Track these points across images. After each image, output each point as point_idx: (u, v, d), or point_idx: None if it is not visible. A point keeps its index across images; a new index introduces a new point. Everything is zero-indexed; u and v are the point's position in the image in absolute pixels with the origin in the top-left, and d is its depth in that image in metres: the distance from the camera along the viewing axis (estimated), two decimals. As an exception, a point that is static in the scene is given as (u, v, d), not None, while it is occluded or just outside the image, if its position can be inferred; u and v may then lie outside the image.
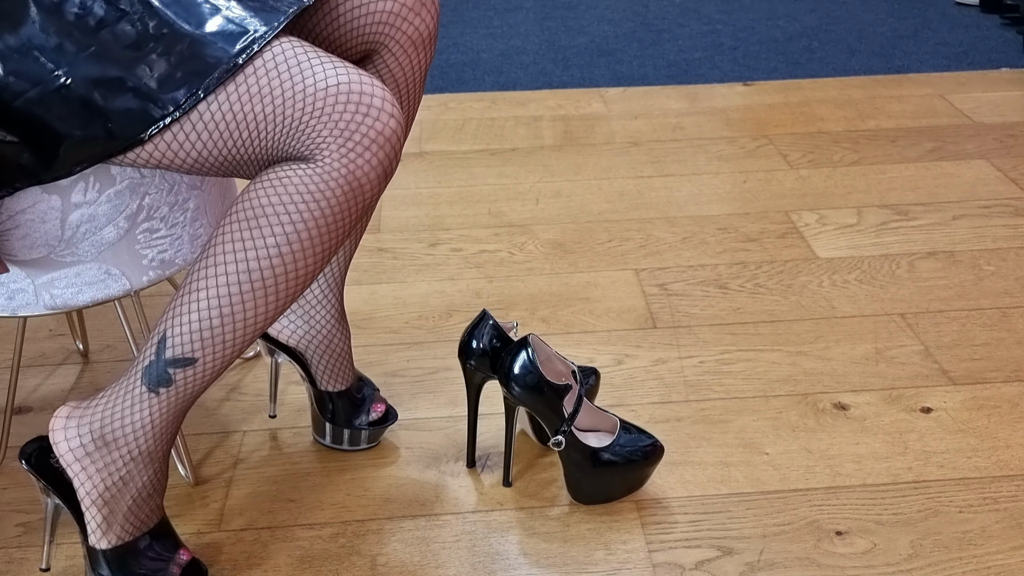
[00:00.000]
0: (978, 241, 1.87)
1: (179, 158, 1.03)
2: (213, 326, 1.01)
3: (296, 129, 0.99)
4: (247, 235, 1.00)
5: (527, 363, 1.22)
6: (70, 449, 1.07)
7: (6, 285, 1.14)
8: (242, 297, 1.01)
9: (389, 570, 1.19)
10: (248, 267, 1.00)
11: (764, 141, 2.32)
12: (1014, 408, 1.43)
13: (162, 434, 1.08)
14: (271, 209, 0.99)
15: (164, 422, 1.07)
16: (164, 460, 1.11)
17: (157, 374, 1.03)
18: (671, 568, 1.18)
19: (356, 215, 1.02)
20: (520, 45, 3.07)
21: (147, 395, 1.05)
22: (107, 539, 1.10)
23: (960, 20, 3.16)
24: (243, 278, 1.00)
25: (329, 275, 1.30)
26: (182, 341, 1.02)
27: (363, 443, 1.37)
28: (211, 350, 1.02)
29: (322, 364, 1.33)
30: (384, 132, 0.99)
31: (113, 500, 1.08)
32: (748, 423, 1.41)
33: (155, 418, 1.06)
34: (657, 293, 1.73)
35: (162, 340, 1.03)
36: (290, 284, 1.02)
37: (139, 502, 1.10)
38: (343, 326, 1.33)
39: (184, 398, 1.06)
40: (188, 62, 0.99)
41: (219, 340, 1.02)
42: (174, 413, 1.07)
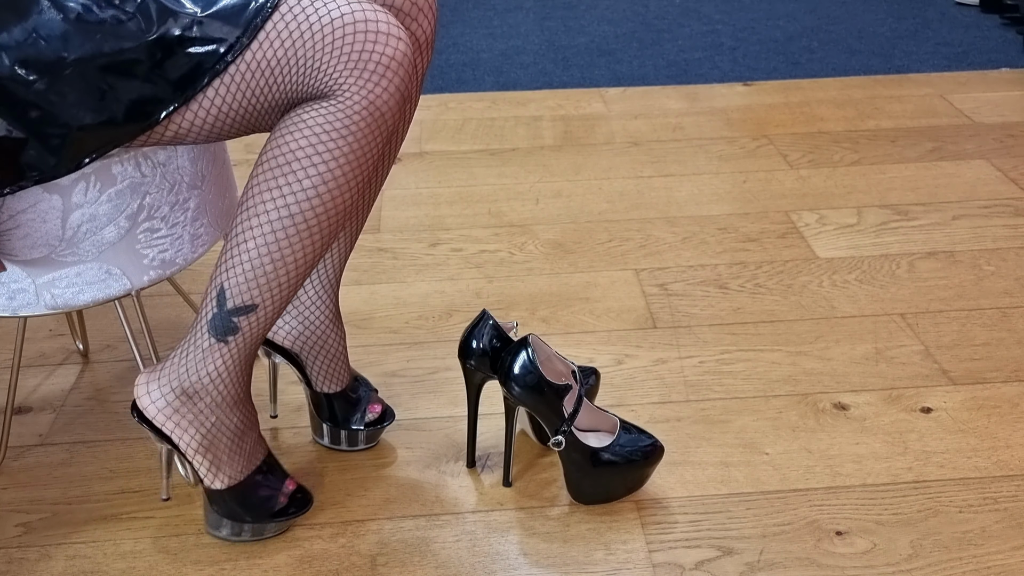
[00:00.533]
0: (978, 241, 1.87)
1: (196, 129, 1.06)
2: (267, 272, 1.07)
3: (313, 68, 1.02)
4: (282, 180, 1.04)
5: (527, 363, 1.22)
6: (159, 410, 1.13)
7: (7, 285, 1.14)
8: (289, 240, 1.06)
9: (389, 570, 1.19)
10: (290, 211, 1.05)
11: (764, 141, 2.32)
12: (1014, 408, 1.43)
13: (239, 377, 1.14)
14: (301, 152, 1.03)
15: (238, 367, 1.13)
16: (247, 400, 1.18)
17: (222, 324, 1.09)
18: (671, 568, 1.18)
19: (381, 143, 1.06)
20: (520, 45, 3.07)
21: (216, 345, 1.11)
22: (220, 481, 1.18)
23: (960, 20, 3.16)
24: (287, 222, 1.05)
25: (324, 276, 1.30)
26: (240, 291, 1.07)
27: (361, 443, 1.37)
28: (269, 294, 1.08)
29: (317, 365, 1.33)
30: (396, 56, 1.02)
31: (213, 446, 1.15)
32: (748, 423, 1.41)
33: (229, 364, 1.12)
34: (657, 293, 1.73)
35: (221, 292, 1.08)
36: (332, 220, 1.07)
37: (236, 442, 1.17)
38: (338, 327, 1.33)
39: (251, 341, 1.12)
40: (198, 40, 1.01)
41: (275, 283, 1.08)
42: (245, 356, 1.13)
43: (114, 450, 1.39)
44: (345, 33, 1.01)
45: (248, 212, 1.06)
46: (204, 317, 1.10)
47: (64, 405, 1.49)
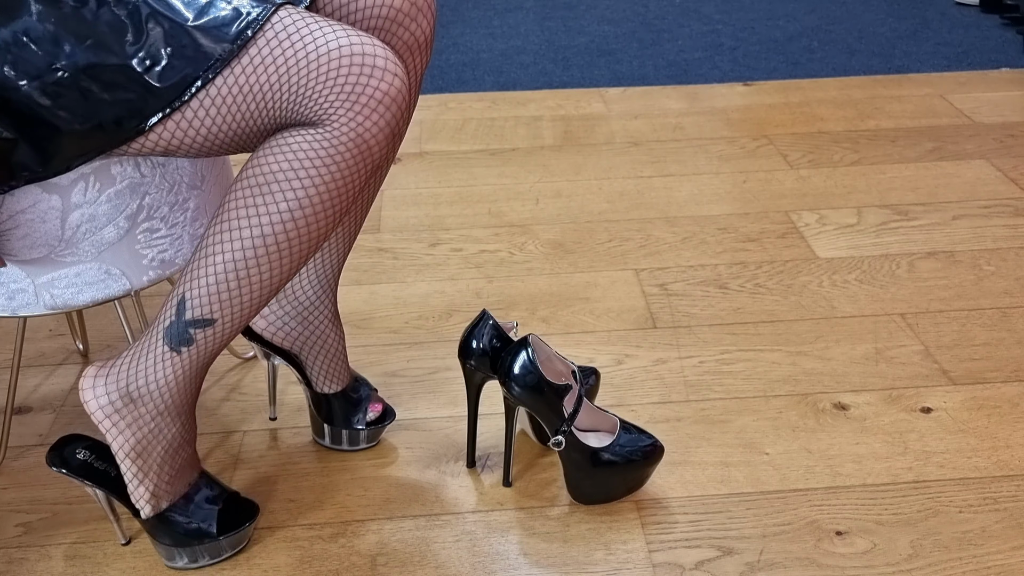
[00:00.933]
0: (978, 241, 1.87)
1: (184, 144, 1.05)
2: (231, 288, 1.05)
3: (302, 96, 1.01)
4: (259, 200, 1.03)
5: (527, 363, 1.22)
6: (100, 407, 1.11)
7: (6, 285, 1.14)
8: (257, 260, 1.04)
9: (389, 570, 1.19)
10: (262, 231, 1.03)
11: (764, 141, 2.32)
12: (1014, 408, 1.43)
13: (186, 389, 1.12)
14: (281, 175, 1.02)
15: (187, 378, 1.11)
16: (190, 413, 1.15)
17: (179, 334, 1.08)
18: (671, 568, 1.18)
19: (365, 176, 1.05)
20: (520, 45, 3.07)
21: (169, 354, 1.09)
22: (143, 489, 1.14)
23: (960, 20, 3.16)
24: (257, 242, 1.04)
25: (323, 276, 1.30)
26: (201, 303, 1.06)
27: (362, 443, 1.37)
28: (229, 311, 1.07)
29: (317, 366, 1.33)
30: (390, 92, 1.01)
31: (145, 452, 1.13)
32: (748, 423, 1.41)
33: (178, 375, 1.10)
34: (657, 293, 1.73)
35: (181, 302, 1.07)
36: (303, 245, 1.06)
37: (170, 453, 1.14)
38: (337, 327, 1.33)
39: (205, 355, 1.10)
40: (186, 50, 1.00)
41: (237, 301, 1.06)
42: (196, 370, 1.11)
43: (114, 450, 1.39)
44: (340, 64, 1.00)
45: (221, 226, 1.05)
46: (161, 323, 1.09)
47: (64, 405, 1.49)
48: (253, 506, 1.22)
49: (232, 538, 1.19)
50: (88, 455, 1.17)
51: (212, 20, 1.01)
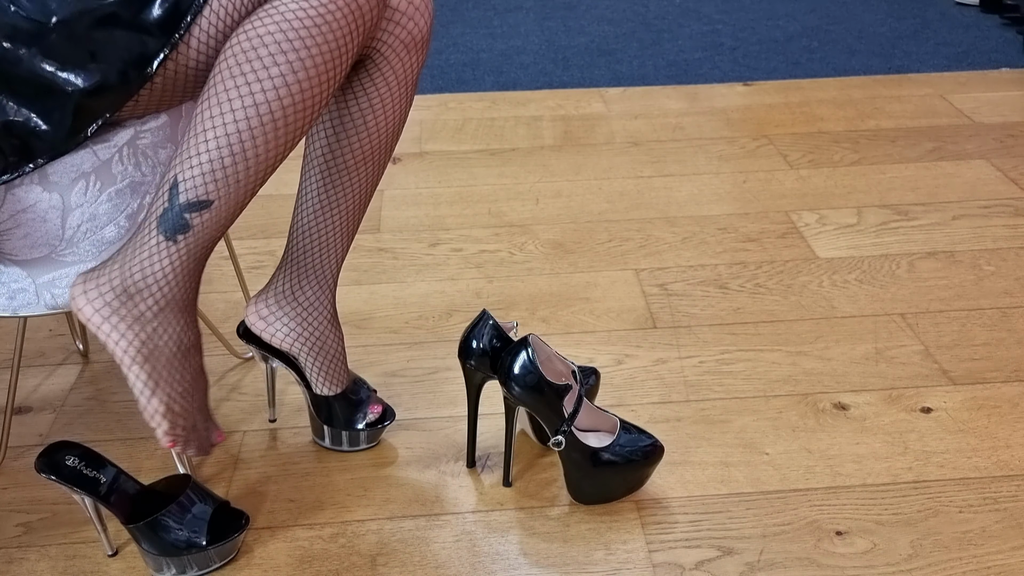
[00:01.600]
0: (978, 241, 1.87)
1: (190, 78, 1.05)
2: (225, 165, 0.99)
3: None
4: (248, 68, 0.98)
5: (527, 363, 1.22)
6: (96, 311, 1.04)
7: (7, 285, 1.14)
8: (252, 132, 0.99)
9: (389, 570, 1.19)
10: (255, 100, 0.98)
11: (764, 141, 2.32)
12: (1014, 408, 1.43)
13: (186, 281, 1.05)
14: (270, 38, 0.97)
15: (186, 269, 1.04)
16: (193, 312, 1.08)
17: (174, 221, 1.01)
18: (671, 568, 1.18)
19: (358, 39, 1.02)
20: (520, 45, 3.07)
21: (165, 244, 1.02)
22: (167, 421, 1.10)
23: (960, 20, 3.16)
24: (250, 112, 0.98)
25: (321, 276, 1.29)
26: (195, 184, 1.00)
27: (363, 443, 1.37)
28: (226, 189, 1.01)
29: (316, 367, 1.32)
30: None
31: (152, 355, 1.05)
32: (748, 423, 1.41)
33: (176, 265, 1.03)
34: (657, 293, 1.73)
35: (174, 186, 1.00)
36: (298, 115, 1.00)
37: (179, 357, 1.07)
38: (336, 328, 1.33)
39: (202, 243, 1.04)
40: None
41: (232, 178, 1.00)
42: (194, 258, 1.04)
43: (114, 450, 1.39)
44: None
45: (210, 101, 0.99)
46: (154, 214, 1.02)
47: (64, 405, 1.49)
48: (243, 516, 1.21)
49: (221, 548, 1.18)
50: (78, 462, 1.17)
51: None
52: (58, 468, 1.16)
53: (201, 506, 1.17)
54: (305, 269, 1.28)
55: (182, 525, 1.16)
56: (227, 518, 1.20)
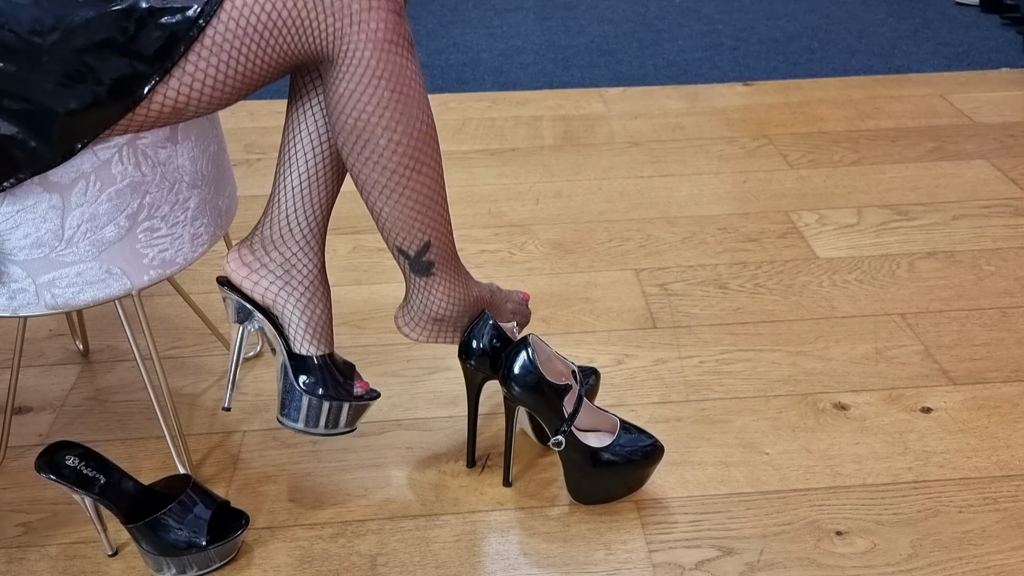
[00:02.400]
0: (978, 241, 1.87)
1: (191, 104, 1.06)
2: (413, 216, 1.17)
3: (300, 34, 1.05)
4: (365, 152, 1.12)
5: (527, 363, 1.22)
6: (427, 338, 1.29)
7: (7, 285, 1.14)
8: (406, 185, 1.15)
9: (389, 570, 1.19)
10: (390, 168, 1.13)
11: (764, 141, 2.32)
12: (1014, 408, 1.43)
13: (458, 285, 1.26)
14: (361, 121, 1.10)
15: (452, 280, 1.25)
16: (480, 296, 1.29)
17: (419, 267, 1.22)
18: (671, 568, 1.18)
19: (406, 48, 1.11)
20: (520, 45, 3.07)
21: (427, 281, 1.24)
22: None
23: (960, 20, 3.16)
24: (394, 178, 1.14)
25: (307, 224, 1.22)
26: (409, 239, 1.19)
27: (343, 425, 1.23)
28: (429, 227, 1.19)
29: (302, 323, 1.22)
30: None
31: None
32: (748, 423, 1.41)
33: (445, 284, 1.25)
34: (657, 293, 1.73)
35: (399, 250, 1.21)
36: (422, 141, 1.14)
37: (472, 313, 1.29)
38: (324, 283, 1.24)
39: (447, 259, 1.23)
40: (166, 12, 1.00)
41: (426, 216, 1.18)
42: (452, 270, 1.24)
43: (114, 450, 1.39)
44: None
45: (364, 187, 1.15)
46: (405, 270, 1.23)
47: (64, 405, 1.49)
48: (243, 516, 1.21)
49: (221, 548, 1.18)
50: (78, 462, 1.17)
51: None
52: (58, 468, 1.16)
53: (201, 506, 1.18)
54: (288, 218, 1.21)
55: (182, 525, 1.16)
56: (227, 518, 1.20)
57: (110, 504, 1.17)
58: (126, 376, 1.55)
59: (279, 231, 1.21)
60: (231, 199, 1.33)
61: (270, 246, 1.21)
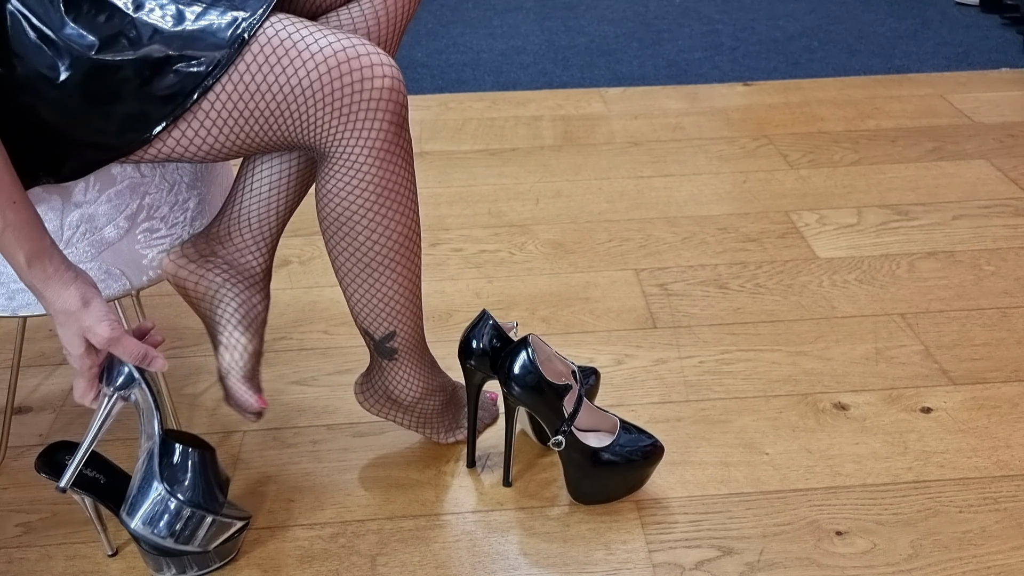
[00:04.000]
0: (978, 241, 1.87)
1: (191, 150, 1.07)
2: (381, 307, 1.20)
3: (302, 121, 1.06)
4: (344, 243, 1.15)
5: (527, 363, 1.22)
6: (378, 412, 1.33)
7: (6, 285, 1.14)
8: (377, 279, 1.18)
9: (389, 570, 1.19)
10: (364, 262, 1.16)
11: (764, 141, 2.32)
12: (1014, 408, 1.43)
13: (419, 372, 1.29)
14: (343, 218, 1.13)
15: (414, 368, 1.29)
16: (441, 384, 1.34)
17: (383, 351, 1.26)
18: (671, 568, 1.18)
19: (403, 160, 1.13)
20: (520, 45, 3.07)
21: (390, 364, 1.28)
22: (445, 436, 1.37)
23: (960, 20, 3.16)
24: (367, 271, 1.17)
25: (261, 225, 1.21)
26: (375, 326, 1.22)
27: (195, 543, 1.14)
28: (397, 318, 1.22)
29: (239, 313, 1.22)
30: (382, 96, 1.07)
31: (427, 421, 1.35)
32: (748, 423, 1.41)
33: (406, 370, 1.28)
34: (657, 293, 1.73)
35: (365, 331, 1.24)
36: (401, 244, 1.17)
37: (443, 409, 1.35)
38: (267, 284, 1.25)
39: (412, 349, 1.27)
40: (182, 60, 1.01)
41: (395, 309, 1.21)
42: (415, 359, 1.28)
43: (114, 450, 1.38)
44: (332, 78, 1.05)
45: (338, 270, 1.18)
46: (371, 348, 1.27)
47: (64, 405, 1.49)
48: (245, 515, 1.20)
49: (221, 548, 1.17)
50: None
51: (208, 27, 1.02)
52: (57, 468, 1.16)
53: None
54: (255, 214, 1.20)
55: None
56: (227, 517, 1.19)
57: (110, 504, 1.17)
58: (126, 376, 1.54)
59: (234, 228, 1.21)
60: (231, 199, 1.33)
61: (218, 243, 1.21)
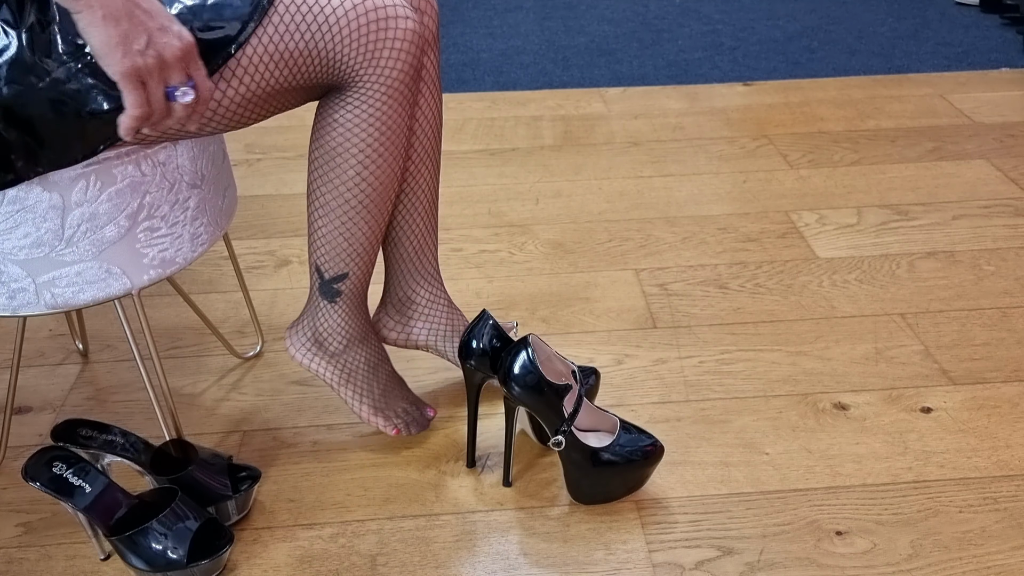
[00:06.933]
0: (978, 241, 1.87)
1: (216, 118, 1.11)
2: (344, 247, 1.25)
3: (326, 60, 1.12)
4: (331, 175, 1.20)
5: (527, 363, 1.22)
6: (303, 356, 1.33)
7: (7, 284, 1.14)
8: (352, 219, 1.23)
9: (389, 570, 1.19)
10: (344, 198, 1.21)
11: (764, 141, 2.32)
12: (1014, 408, 1.43)
13: (355, 320, 1.32)
14: (340, 147, 1.18)
15: (352, 313, 1.31)
16: (370, 337, 1.35)
17: (327, 290, 1.29)
18: (671, 568, 1.18)
19: (405, 115, 1.20)
20: (520, 45, 3.07)
21: (328, 305, 1.30)
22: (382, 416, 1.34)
23: (960, 20, 3.16)
24: (345, 207, 1.22)
25: (426, 273, 1.40)
26: (330, 265, 1.27)
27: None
28: (354, 262, 1.27)
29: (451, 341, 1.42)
30: (405, 36, 1.13)
31: (351, 376, 1.33)
32: (748, 423, 1.41)
33: (343, 315, 1.31)
34: (657, 293, 1.73)
35: (316, 268, 1.28)
36: (382, 191, 1.23)
37: (371, 370, 1.34)
38: (457, 311, 1.44)
39: (355, 295, 1.30)
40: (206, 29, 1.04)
41: (354, 253, 1.26)
42: (354, 306, 1.31)
43: (114, 450, 1.39)
44: (359, 25, 1.10)
45: (315, 202, 1.23)
46: (314, 285, 1.30)
47: (64, 405, 1.49)
48: (229, 532, 1.19)
49: (204, 566, 1.15)
50: (64, 469, 1.17)
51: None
52: (42, 475, 1.16)
53: (185, 521, 1.15)
54: (410, 272, 1.39)
55: (165, 540, 1.14)
56: (213, 533, 1.17)
57: (93, 516, 1.16)
58: (126, 376, 1.55)
59: (405, 293, 1.41)
60: (231, 199, 1.33)
61: (401, 306, 1.41)
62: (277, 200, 2.07)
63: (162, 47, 0.95)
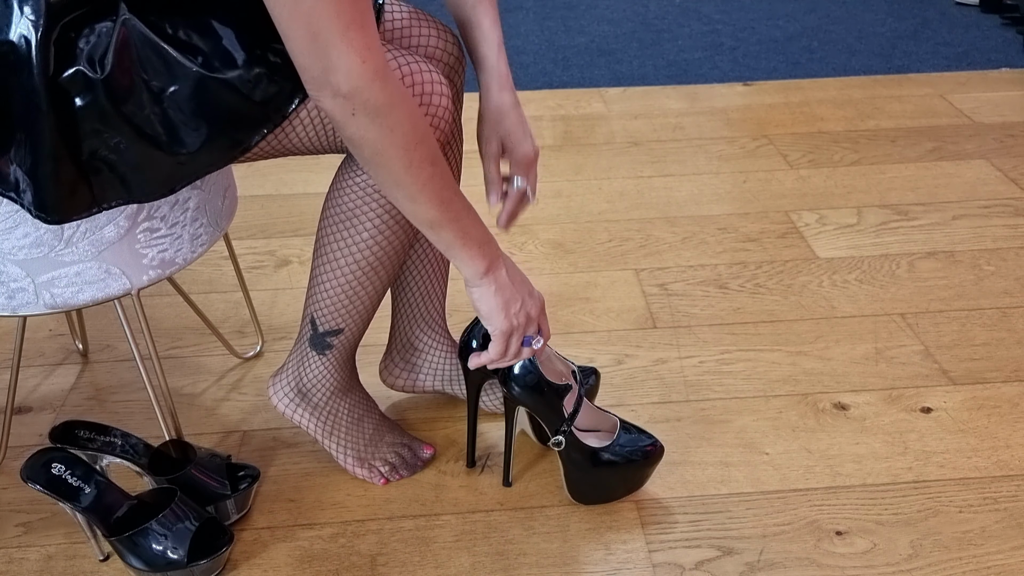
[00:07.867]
0: (978, 241, 1.87)
1: (278, 152, 1.13)
2: (345, 304, 1.23)
3: None
4: (346, 234, 1.19)
5: (527, 363, 1.22)
6: (285, 406, 1.31)
7: (6, 284, 1.14)
8: (358, 280, 1.22)
9: (389, 570, 1.19)
10: (355, 259, 1.20)
11: (764, 141, 2.32)
12: (1014, 408, 1.43)
13: (340, 375, 1.30)
14: (358, 210, 1.18)
15: (338, 368, 1.29)
16: (356, 390, 1.34)
17: (319, 343, 1.27)
18: (671, 568, 1.18)
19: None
20: (520, 45, 3.06)
21: (317, 357, 1.28)
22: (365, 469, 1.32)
23: (960, 20, 3.16)
24: (354, 268, 1.21)
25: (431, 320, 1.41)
26: (327, 319, 1.25)
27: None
28: (351, 319, 1.25)
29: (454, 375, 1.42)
30: (438, 113, 1.14)
31: (334, 429, 1.31)
32: (748, 423, 1.41)
33: (330, 369, 1.29)
34: (657, 293, 1.73)
35: (312, 320, 1.26)
36: (393, 256, 1.22)
37: (353, 423, 1.32)
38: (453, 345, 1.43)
39: (344, 352, 1.29)
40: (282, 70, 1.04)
41: (354, 312, 1.24)
42: (341, 362, 1.30)
43: (114, 450, 1.39)
44: None
45: (323, 257, 1.22)
46: (305, 336, 1.28)
47: (64, 405, 1.49)
48: (228, 532, 1.19)
49: (204, 566, 1.15)
50: (63, 470, 1.17)
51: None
52: (40, 476, 1.16)
53: (184, 521, 1.15)
54: (414, 318, 1.40)
55: (164, 541, 1.14)
56: (213, 532, 1.17)
57: (92, 516, 1.16)
58: (126, 376, 1.55)
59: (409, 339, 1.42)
60: (231, 199, 1.33)
61: (407, 353, 1.43)
62: (277, 200, 2.07)
63: (529, 307, 1.16)
